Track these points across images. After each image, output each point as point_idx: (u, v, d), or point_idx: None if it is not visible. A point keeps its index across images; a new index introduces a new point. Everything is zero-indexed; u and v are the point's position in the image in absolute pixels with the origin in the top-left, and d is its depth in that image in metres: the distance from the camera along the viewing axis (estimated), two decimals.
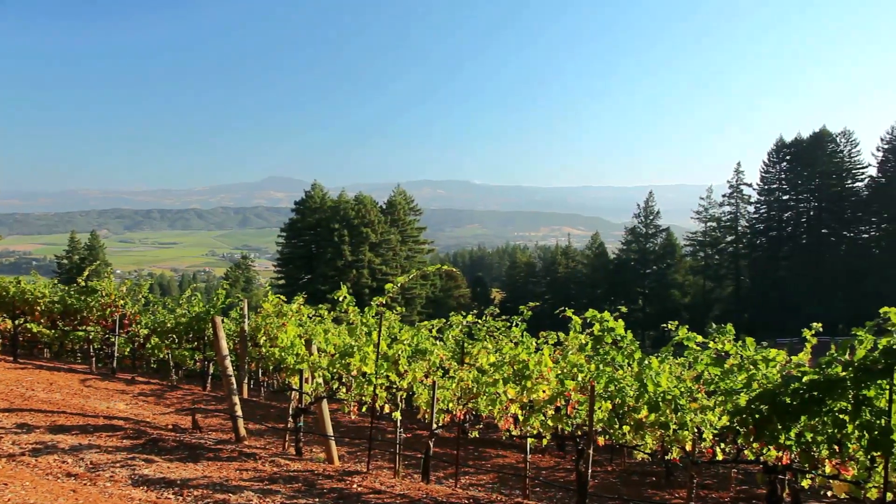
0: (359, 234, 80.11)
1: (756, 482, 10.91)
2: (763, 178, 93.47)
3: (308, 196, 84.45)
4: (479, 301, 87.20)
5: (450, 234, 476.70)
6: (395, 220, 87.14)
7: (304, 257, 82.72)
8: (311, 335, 9.64)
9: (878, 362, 5.25)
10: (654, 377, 6.91)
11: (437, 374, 8.85)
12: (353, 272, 78.56)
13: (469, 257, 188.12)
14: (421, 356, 9.05)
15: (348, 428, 13.11)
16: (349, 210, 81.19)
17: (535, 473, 11.00)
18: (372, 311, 8.93)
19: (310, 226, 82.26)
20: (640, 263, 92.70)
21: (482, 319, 11.31)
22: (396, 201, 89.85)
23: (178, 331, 15.19)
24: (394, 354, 8.46)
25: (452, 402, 8.72)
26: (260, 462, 7.85)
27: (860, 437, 5.44)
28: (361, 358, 8.42)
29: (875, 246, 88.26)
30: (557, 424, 7.63)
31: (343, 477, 7.60)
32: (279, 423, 10.98)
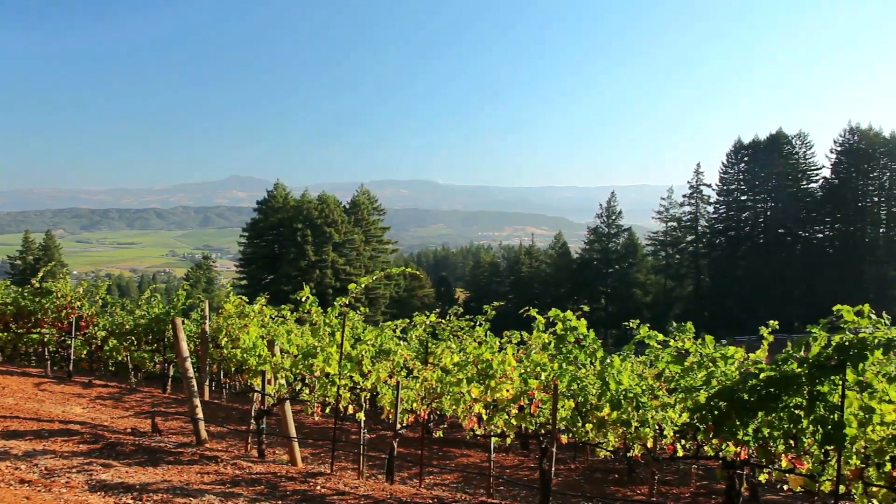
0: (322, 234, 79.58)
1: (715, 477, 11.09)
2: (722, 179, 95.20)
3: (271, 196, 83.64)
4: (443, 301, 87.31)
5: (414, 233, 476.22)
6: (358, 220, 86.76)
7: (266, 257, 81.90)
8: (274, 336, 9.55)
9: (832, 359, 5.38)
10: (616, 375, 6.99)
11: (400, 374, 8.83)
12: (317, 272, 78.01)
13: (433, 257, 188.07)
14: (385, 356, 9.03)
15: (312, 429, 13.01)
16: (312, 210, 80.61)
17: (499, 472, 11.04)
18: (335, 312, 8.87)
19: (272, 226, 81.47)
20: (602, 263, 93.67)
21: (446, 319, 11.33)
22: (360, 201, 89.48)
23: (137, 332, 14.91)
24: (357, 355, 8.42)
25: (416, 402, 8.71)
26: (222, 465, 7.74)
27: (814, 431, 5.57)
28: (325, 359, 8.36)
29: (829, 246, 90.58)
30: (521, 423, 7.67)
31: (307, 478, 7.54)
32: (241, 426, 10.85)
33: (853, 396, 5.58)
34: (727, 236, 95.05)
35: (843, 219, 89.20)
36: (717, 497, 10.43)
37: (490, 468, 8.95)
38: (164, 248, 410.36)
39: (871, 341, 5.17)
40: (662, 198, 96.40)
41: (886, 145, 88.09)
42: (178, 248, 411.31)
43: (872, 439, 5.82)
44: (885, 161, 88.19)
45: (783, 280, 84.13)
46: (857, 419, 5.67)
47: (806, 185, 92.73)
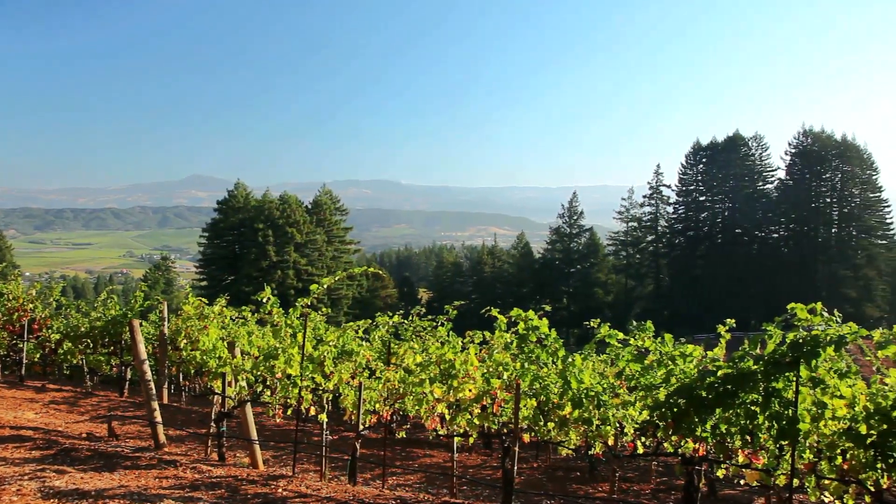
0: (284, 235, 78.86)
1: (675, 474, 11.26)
2: (681, 180, 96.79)
3: (231, 196, 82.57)
4: (406, 301, 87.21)
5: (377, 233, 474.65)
6: (320, 221, 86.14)
7: (227, 258, 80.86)
8: (235, 337, 9.42)
9: (786, 356, 5.50)
10: (578, 374, 7.05)
11: (363, 374, 8.79)
12: (278, 273, 77.28)
13: (396, 257, 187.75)
14: (347, 357, 8.97)
15: (273, 431, 12.88)
16: (274, 210, 79.82)
17: (463, 472, 11.06)
18: (297, 313, 8.80)
19: (233, 226, 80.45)
20: (564, 262, 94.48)
21: (409, 319, 11.31)
22: (322, 201, 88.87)
23: (92, 335, 14.58)
24: (319, 356, 8.36)
25: (379, 402, 8.68)
26: (181, 469, 7.62)
27: (770, 427, 5.69)
28: (286, 360, 8.28)
29: (784, 245, 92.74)
30: (484, 423, 7.70)
31: (268, 481, 7.45)
32: (201, 429, 10.69)
33: (806, 392, 5.72)
34: (686, 236, 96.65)
35: (798, 219, 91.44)
36: (676, 493, 10.59)
37: (453, 468, 8.95)
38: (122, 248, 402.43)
39: (824, 338, 5.30)
40: (623, 198, 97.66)
41: (838, 147, 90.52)
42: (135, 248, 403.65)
43: (824, 433, 5.98)
44: (836, 163, 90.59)
45: (741, 279, 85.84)
46: (810, 414, 5.81)
47: (762, 186, 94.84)
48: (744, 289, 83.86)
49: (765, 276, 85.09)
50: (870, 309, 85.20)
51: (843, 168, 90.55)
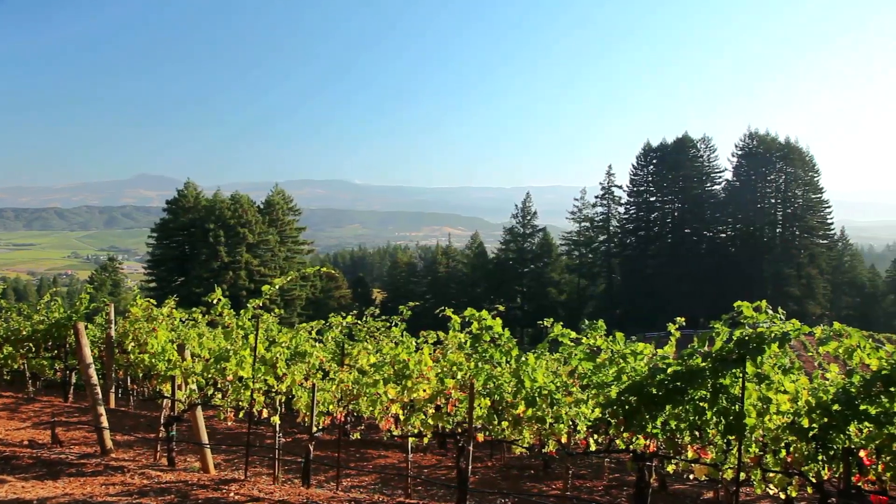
0: (235, 235, 77.70)
1: (627, 470, 11.44)
2: (632, 181, 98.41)
3: (181, 195, 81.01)
4: (360, 301, 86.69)
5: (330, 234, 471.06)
6: (273, 221, 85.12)
7: (176, 259, 79.29)
8: (185, 340, 9.25)
9: (733, 353, 5.63)
10: (531, 373, 7.11)
11: (316, 376, 8.72)
12: (230, 274, 76.12)
13: (350, 257, 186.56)
14: (300, 358, 8.89)
15: (225, 435, 12.68)
16: (225, 210, 78.56)
17: (417, 472, 11.05)
18: (248, 314, 8.68)
19: (183, 226, 78.93)
20: (518, 262, 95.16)
21: (362, 320, 11.25)
22: (274, 201, 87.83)
23: (35, 339, 14.12)
24: (272, 357, 8.26)
25: (333, 404, 8.61)
26: (128, 475, 7.44)
27: (718, 422, 5.81)
28: (238, 362, 8.16)
29: (731, 245, 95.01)
30: (438, 423, 7.70)
31: (219, 486, 7.33)
32: (150, 433, 10.46)
33: (752, 388, 5.86)
34: (637, 236, 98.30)
35: (744, 219, 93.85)
36: (628, 489, 10.75)
37: (408, 468, 8.94)
38: (66, 249, 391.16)
39: (768, 335, 5.45)
40: (576, 199, 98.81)
41: (782, 150, 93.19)
42: (81, 249, 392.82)
43: (769, 428, 6.14)
44: (780, 165, 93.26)
45: (690, 278, 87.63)
46: (755, 409, 5.96)
47: (710, 187, 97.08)
48: (693, 287, 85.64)
49: (713, 275, 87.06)
50: (812, 306, 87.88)
51: (787, 170, 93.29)
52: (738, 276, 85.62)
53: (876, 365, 5.46)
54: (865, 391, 5.37)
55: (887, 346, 5.60)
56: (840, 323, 5.79)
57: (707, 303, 78.84)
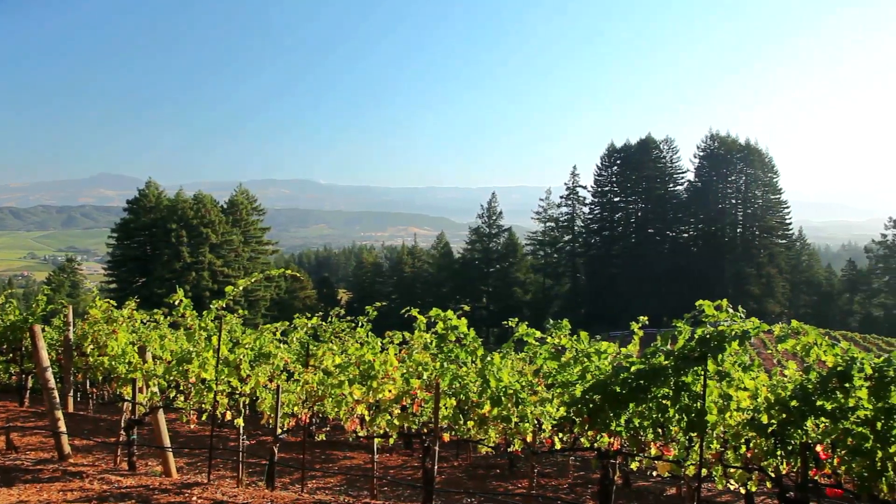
0: (198, 235, 76.63)
1: (591, 468, 11.55)
2: (596, 181, 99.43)
3: (142, 195, 79.61)
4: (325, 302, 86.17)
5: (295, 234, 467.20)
6: (237, 221, 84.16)
7: (138, 259, 77.90)
8: (146, 342, 9.08)
9: (695, 351, 5.71)
10: (497, 373, 7.13)
11: (281, 377, 8.64)
12: (193, 274, 75.04)
13: (315, 258, 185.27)
14: (264, 360, 8.79)
15: (188, 438, 12.51)
16: (188, 210, 77.41)
17: (383, 473, 11.02)
18: (211, 315, 8.56)
19: (144, 226, 77.57)
20: (483, 262, 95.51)
21: (328, 321, 11.17)
22: (238, 201, 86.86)
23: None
24: (235, 359, 8.16)
25: (297, 405, 8.54)
26: (87, 480, 7.29)
27: (680, 419, 5.89)
28: (200, 364, 8.04)
29: (693, 244, 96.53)
30: (404, 423, 7.68)
31: (181, 490, 7.22)
32: (110, 437, 10.26)
33: (713, 385, 5.95)
34: (602, 236, 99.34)
35: (706, 219, 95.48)
36: (592, 486, 10.86)
37: (374, 469, 8.91)
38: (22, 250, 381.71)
39: (729, 334, 5.54)
40: (541, 199, 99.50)
41: (742, 151, 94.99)
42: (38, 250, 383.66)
43: (730, 424, 6.25)
44: (741, 166, 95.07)
45: (653, 277, 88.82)
46: (717, 406, 6.06)
47: (673, 188, 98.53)
48: (657, 287, 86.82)
49: (676, 275, 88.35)
50: (771, 305, 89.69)
51: (747, 171, 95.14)
52: (700, 275, 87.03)
53: (832, 362, 5.59)
54: (822, 387, 5.49)
55: (842, 344, 5.73)
56: (798, 321, 5.91)
57: (670, 302, 79.96)
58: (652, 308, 62.34)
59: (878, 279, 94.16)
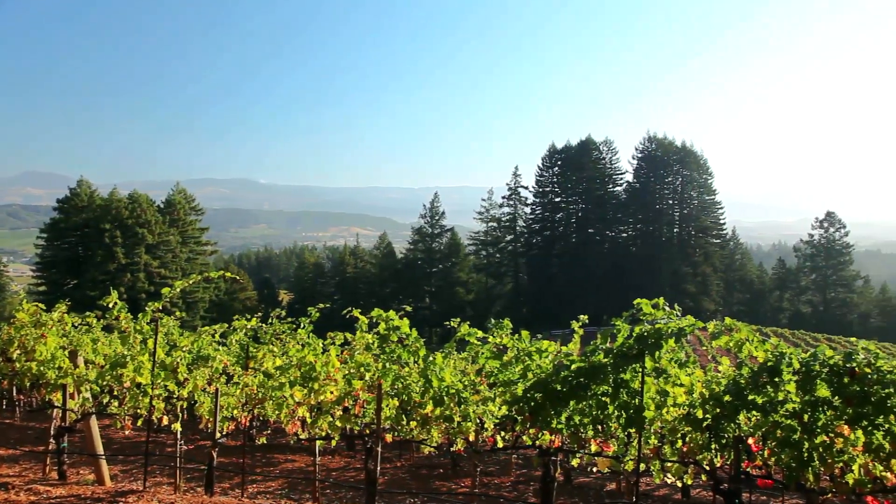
0: (133, 236, 74.50)
1: (533, 465, 11.67)
2: (538, 182, 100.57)
3: (73, 193, 76.92)
4: (266, 303, 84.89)
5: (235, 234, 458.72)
6: (174, 221, 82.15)
7: (69, 261, 75.23)
8: (77, 346, 8.78)
9: (633, 348, 5.82)
10: (439, 373, 7.13)
11: (220, 380, 8.47)
12: (128, 276, 72.93)
13: (255, 258, 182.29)
14: (203, 363, 8.62)
15: (122, 444, 12.16)
16: (122, 209, 75.17)
17: (325, 475, 10.92)
18: (147, 318, 8.32)
19: (76, 226, 74.96)
20: (426, 262, 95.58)
21: (268, 322, 11.00)
22: (176, 200, 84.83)
23: None
24: (172, 362, 7.97)
25: (237, 408, 8.40)
26: (13, 492, 7.01)
27: (619, 416, 6.00)
28: (136, 368, 7.82)
29: (632, 244, 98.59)
30: (346, 424, 7.63)
31: (115, 498, 7.01)
32: (39, 446, 9.89)
33: (651, 382, 6.08)
34: (543, 236, 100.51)
35: (644, 219, 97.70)
36: (535, 483, 10.98)
37: (315, 472, 8.81)
38: None
39: (666, 331, 5.67)
40: (483, 199, 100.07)
41: (678, 153, 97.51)
42: None
43: (667, 420, 6.39)
44: (677, 168, 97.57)
45: (594, 276, 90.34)
46: (654, 402, 6.19)
47: (612, 189, 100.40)
48: (597, 285, 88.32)
49: (616, 273, 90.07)
50: (707, 303, 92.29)
51: (683, 172, 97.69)
52: (639, 274, 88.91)
53: (763, 357, 5.77)
54: (753, 382, 5.67)
55: (772, 340, 5.94)
56: (731, 318, 6.09)
57: (610, 300, 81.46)
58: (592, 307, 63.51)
59: (805, 277, 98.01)
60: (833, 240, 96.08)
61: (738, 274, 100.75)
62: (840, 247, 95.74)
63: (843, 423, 5.40)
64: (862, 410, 5.20)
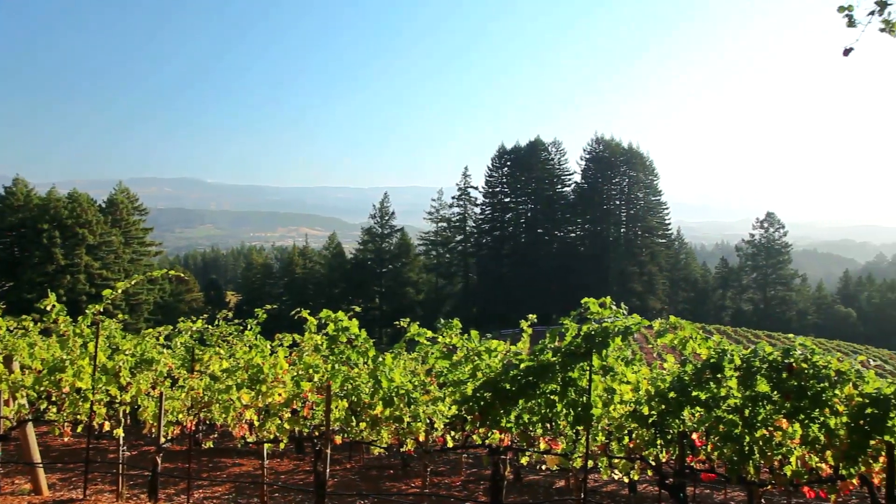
0: (73, 236, 72.32)
1: (483, 464, 11.73)
2: (487, 182, 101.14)
3: (9, 192, 74.26)
4: (213, 305, 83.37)
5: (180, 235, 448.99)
6: (116, 221, 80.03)
7: (4, 262, 72.54)
8: (12, 350, 8.48)
9: (581, 347, 5.90)
10: (389, 373, 7.11)
11: (164, 384, 8.29)
12: (67, 278, 70.78)
13: (202, 259, 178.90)
14: (146, 366, 8.42)
15: (62, 452, 11.79)
16: (61, 209, 72.91)
17: (274, 479, 10.78)
18: (87, 320, 8.08)
19: (11, 226, 72.35)
20: (376, 263, 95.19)
21: (215, 324, 10.80)
22: (118, 200, 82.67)
23: None
24: (114, 366, 7.76)
25: (183, 412, 8.23)
26: None
27: (567, 414, 6.08)
28: (75, 372, 7.59)
29: (580, 244, 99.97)
30: (294, 427, 7.54)
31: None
32: None
33: (598, 380, 6.18)
34: (493, 236, 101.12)
35: (592, 220, 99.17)
36: (485, 482, 11.02)
37: (263, 475, 8.68)
38: None
39: (613, 330, 5.76)
40: (433, 199, 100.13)
41: (625, 154, 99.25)
42: None
43: (614, 417, 6.50)
44: (624, 169, 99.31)
45: (543, 276, 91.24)
46: (602, 400, 6.29)
47: (561, 189, 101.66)
48: (546, 285, 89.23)
49: (564, 273, 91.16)
50: (653, 301, 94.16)
51: (630, 173, 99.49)
52: (587, 273, 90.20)
53: (706, 354, 5.92)
54: (697, 378, 5.80)
55: (715, 337, 6.09)
56: (676, 316, 6.22)
57: (559, 300, 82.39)
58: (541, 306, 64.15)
59: (747, 276, 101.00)
60: (773, 239, 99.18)
61: (682, 273, 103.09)
62: (779, 246, 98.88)
63: (781, 417, 5.57)
64: (799, 404, 5.37)
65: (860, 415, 5.24)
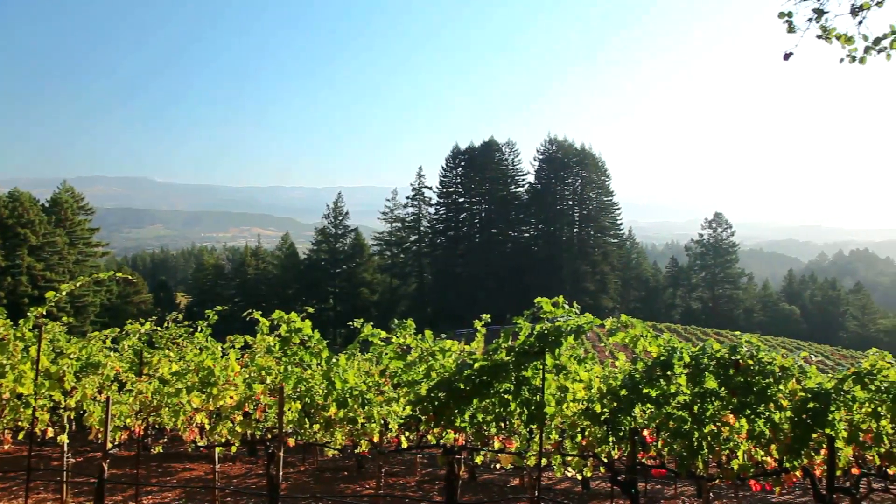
0: (15, 237, 70.08)
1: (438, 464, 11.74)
2: (442, 182, 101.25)
3: None
4: (162, 306, 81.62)
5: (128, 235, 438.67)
6: (61, 221, 77.81)
7: None
8: None
9: (534, 346, 5.94)
10: (342, 374, 7.06)
11: (111, 388, 8.09)
12: (8, 279, 68.56)
13: (151, 260, 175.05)
14: (92, 370, 8.21)
15: (2, 460, 11.41)
16: (2, 209, 70.63)
17: (226, 483, 10.61)
18: (29, 324, 7.83)
19: None
20: (330, 263, 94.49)
21: (164, 326, 10.58)
22: (62, 199, 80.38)
23: None
24: (58, 371, 7.55)
25: (130, 417, 8.03)
26: None
27: (521, 412, 6.12)
28: (16, 378, 7.34)
29: (534, 244, 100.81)
30: (246, 430, 7.44)
31: None
32: None
33: (552, 378, 6.23)
34: (447, 236, 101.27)
35: (545, 220, 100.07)
36: (440, 482, 11.03)
37: (215, 480, 8.54)
38: None
39: (565, 329, 5.81)
40: (387, 199, 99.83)
41: (578, 155, 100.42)
42: None
43: (567, 415, 6.57)
44: (577, 169, 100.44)
45: (497, 276, 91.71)
46: (555, 398, 6.34)
47: (514, 189, 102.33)
48: (500, 284, 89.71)
49: (518, 273, 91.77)
50: (605, 300, 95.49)
51: (582, 174, 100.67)
52: (541, 273, 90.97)
53: (656, 352, 6.02)
54: (647, 376, 5.90)
55: (665, 335, 6.20)
56: (627, 315, 6.32)
57: (513, 299, 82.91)
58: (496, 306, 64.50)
59: (696, 275, 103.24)
60: (721, 239, 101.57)
61: (634, 272, 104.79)
62: (727, 246, 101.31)
63: (728, 413, 5.71)
64: (746, 400, 5.51)
65: (803, 409, 5.41)
